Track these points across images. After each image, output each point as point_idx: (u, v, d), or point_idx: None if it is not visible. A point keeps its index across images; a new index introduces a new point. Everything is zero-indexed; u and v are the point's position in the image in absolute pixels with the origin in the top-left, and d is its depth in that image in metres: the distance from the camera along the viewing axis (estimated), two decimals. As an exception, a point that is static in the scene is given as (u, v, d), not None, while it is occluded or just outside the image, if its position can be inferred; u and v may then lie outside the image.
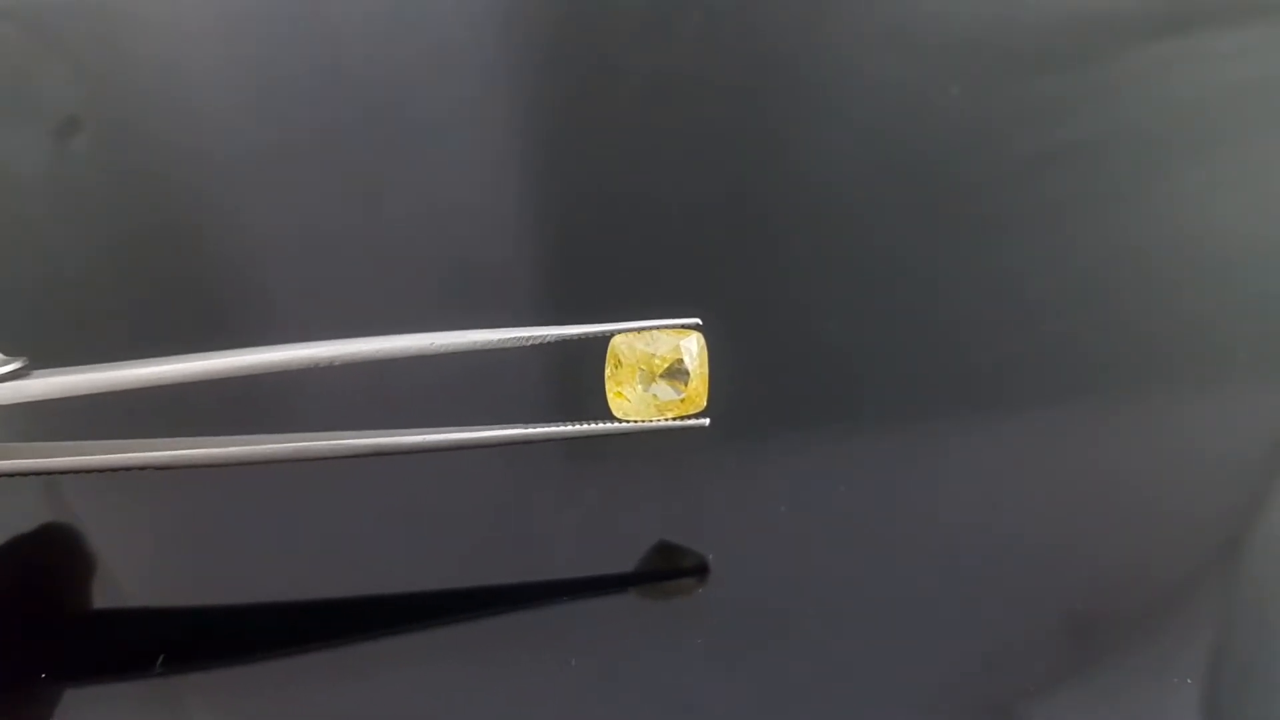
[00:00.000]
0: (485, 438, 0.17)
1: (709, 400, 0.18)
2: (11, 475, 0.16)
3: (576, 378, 0.19)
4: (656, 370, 0.17)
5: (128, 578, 0.19)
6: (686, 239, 0.25)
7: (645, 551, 0.19)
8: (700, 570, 0.19)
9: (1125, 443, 0.21)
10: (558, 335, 0.17)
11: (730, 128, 0.27)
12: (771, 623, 0.18)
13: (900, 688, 0.17)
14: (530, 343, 0.17)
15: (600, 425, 0.17)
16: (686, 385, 0.17)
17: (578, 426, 0.17)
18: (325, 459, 0.17)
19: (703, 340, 0.18)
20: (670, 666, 0.18)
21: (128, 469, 0.16)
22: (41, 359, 0.17)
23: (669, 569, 0.19)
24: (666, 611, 0.19)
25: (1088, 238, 0.25)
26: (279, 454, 0.16)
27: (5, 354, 0.17)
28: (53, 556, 0.19)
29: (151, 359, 0.17)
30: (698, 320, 0.18)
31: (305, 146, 0.26)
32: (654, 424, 0.17)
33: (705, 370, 0.18)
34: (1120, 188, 0.26)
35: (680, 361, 0.17)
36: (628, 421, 0.17)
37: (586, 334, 0.17)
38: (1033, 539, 0.19)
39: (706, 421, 0.18)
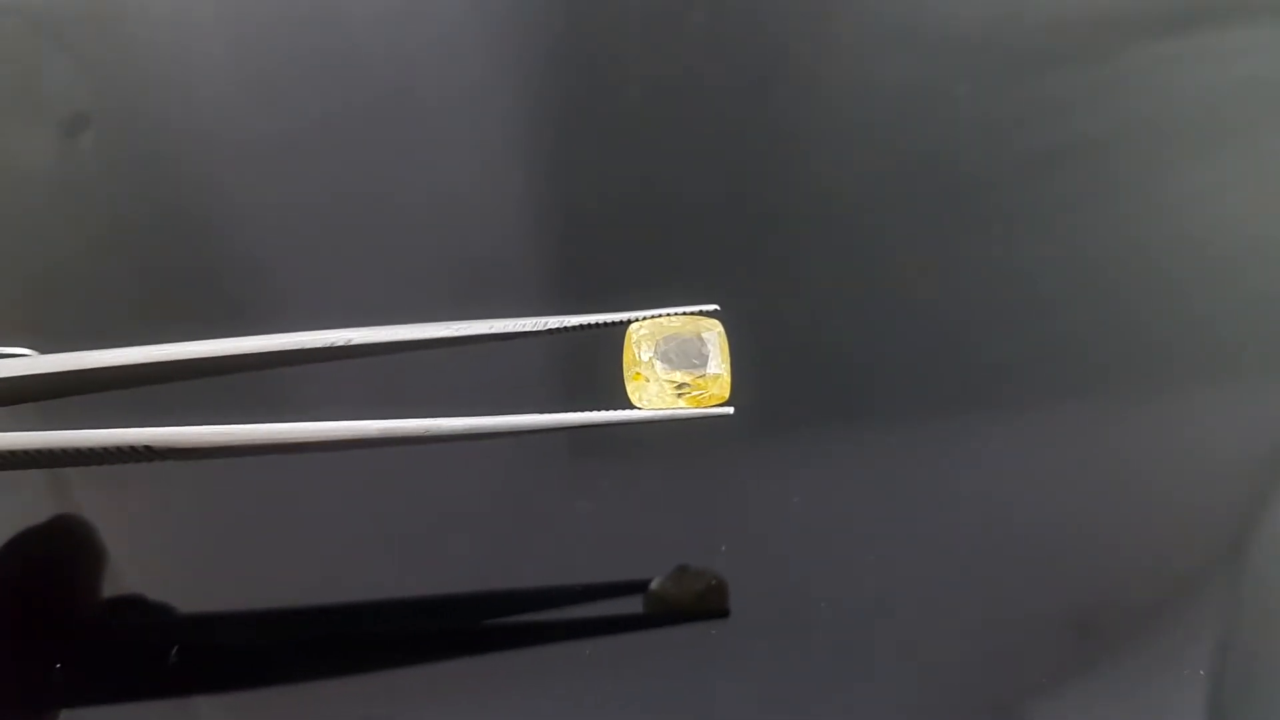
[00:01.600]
0: (503, 425, 0.16)
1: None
2: (14, 453, 0.16)
3: (592, 373, 0.19)
4: (676, 359, 0.17)
5: (140, 572, 0.19)
6: (696, 236, 0.25)
7: (659, 546, 0.19)
8: (719, 613, 0.18)
9: (1133, 439, 0.21)
10: (576, 323, 0.17)
11: (738, 124, 0.27)
12: (780, 615, 0.18)
13: (907, 682, 0.17)
14: (546, 329, 0.17)
15: (622, 413, 0.17)
16: (707, 371, 0.17)
17: (598, 414, 0.17)
18: (335, 443, 0.16)
19: (722, 328, 0.17)
20: (681, 656, 0.18)
21: (130, 448, 0.16)
22: (50, 352, 0.17)
23: (686, 591, 0.19)
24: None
25: (1095, 235, 0.25)
26: (284, 436, 0.16)
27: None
28: (64, 549, 0.19)
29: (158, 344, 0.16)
30: (715, 306, 0.17)
31: (314, 139, 0.26)
32: (676, 412, 0.17)
33: (727, 357, 0.17)
34: (1127, 185, 0.26)
35: (702, 346, 0.17)
36: (650, 410, 0.17)
37: (603, 321, 0.17)
38: (1040, 535, 0.19)
39: (730, 410, 0.17)
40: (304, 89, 0.27)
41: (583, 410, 0.17)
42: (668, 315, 0.17)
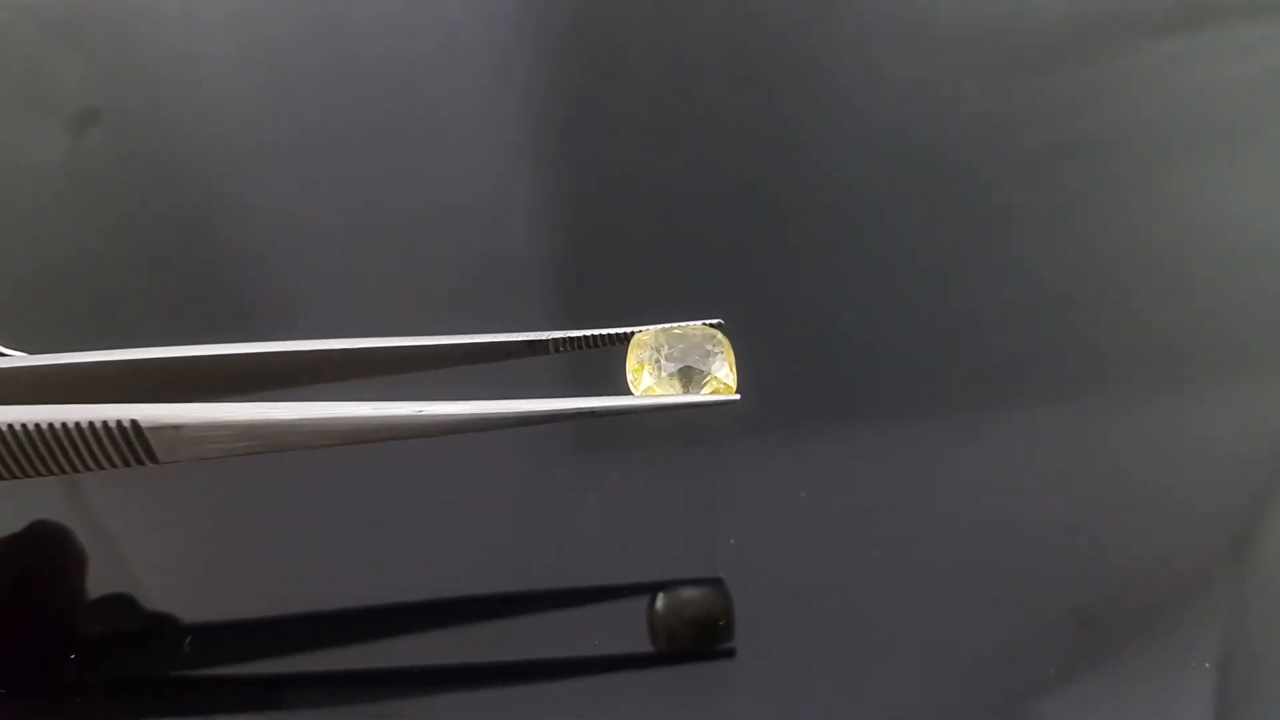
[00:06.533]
0: (512, 413, 0.16)
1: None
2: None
3: (594, 387, 0.19)
4: (682, 356, 0.17)
5: (151, 570, 0.19)
6: (704, 234, 0.25)
7: (668, 539, 0.19)
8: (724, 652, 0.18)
9: (1139, 435, 0.21)
10: (580, 336, 0.17)
11: (744, 123, 0.27)
12: (786, 609, 0.18)
13: (911, 676, 0.17)
14: (551, 339, 0.17)
15: (630, 400, 0.17)
16: (711, 369, 0.17)
17: (607, 402, 0.16)
18: (324, 424, 0.15)
19: (725, 338, 0.17)
20: (684, 654, 0.18)
21: (118, 423, 0.15)
22: (53, 346, 0.17)
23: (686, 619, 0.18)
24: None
25: (1100, 232, 0.25)
26: (274, 416, 0.15)
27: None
28: (44, 554, 0.19)
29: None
30: (719, 320, 0.18)
31: (321, 139, 0.27)
32: (682, 398, 0.17)
33: (733, 362, 0.17)
34: (1132, 182, 0.26)
35: (706, 343, 0.17)
36: (656, 396, 0.17)
37: (607, 335, 0.17)
38: (1046, 530, 0.19)
39: (737, 396, 0.17)
40: (309, 89, 0.27)
41: (591, 396, 0.16)
42: (672, 329, 0.18)
